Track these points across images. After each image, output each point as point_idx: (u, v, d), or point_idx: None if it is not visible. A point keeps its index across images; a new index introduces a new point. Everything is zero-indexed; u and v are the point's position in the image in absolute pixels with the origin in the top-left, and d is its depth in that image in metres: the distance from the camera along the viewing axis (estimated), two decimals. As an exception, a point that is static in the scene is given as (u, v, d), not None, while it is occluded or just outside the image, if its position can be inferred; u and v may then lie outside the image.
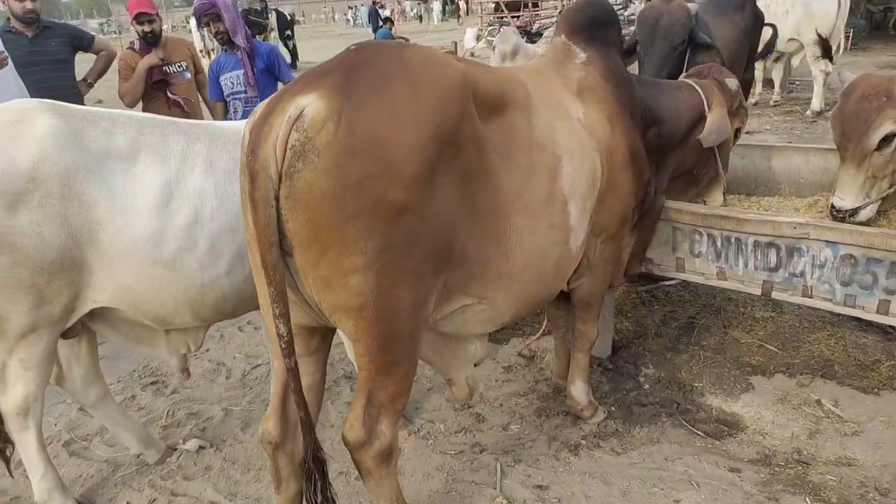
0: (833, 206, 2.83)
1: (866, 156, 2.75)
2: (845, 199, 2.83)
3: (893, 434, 2.77)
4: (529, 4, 23.18)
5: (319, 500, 1.98)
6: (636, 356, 3.50)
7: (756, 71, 9.46)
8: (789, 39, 8.11)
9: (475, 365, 2.54)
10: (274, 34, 17.51)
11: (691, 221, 2.94)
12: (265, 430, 2.06)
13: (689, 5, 3.73)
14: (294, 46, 18.31)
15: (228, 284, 2.33)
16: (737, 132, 3.32)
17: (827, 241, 2.59)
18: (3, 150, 2.04)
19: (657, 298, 4.07)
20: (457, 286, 2.10)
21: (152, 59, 4.42)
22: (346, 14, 45.48)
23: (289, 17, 19.22)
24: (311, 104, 1.69)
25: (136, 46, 4.53)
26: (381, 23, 15.94)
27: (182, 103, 4.54)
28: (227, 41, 4.00)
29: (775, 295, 2.80)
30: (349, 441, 2.01)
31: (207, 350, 3.89)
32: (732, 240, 2.84)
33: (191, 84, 4.70)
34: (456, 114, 1.88)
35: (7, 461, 2.53)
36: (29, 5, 4.19)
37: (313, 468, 1.96)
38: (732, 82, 3.19)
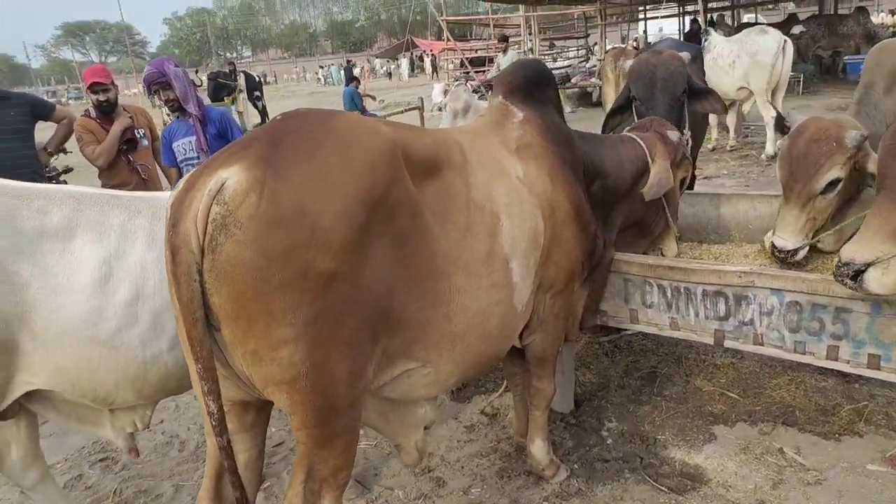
0: (774, 246, 2.87)
1: (811, 198, 2.80)
2: (787, 239, 2.88)
3: (855, 481, 2.74)
4: (486, 62, 23.82)
5: (259, 585, 1.88)
6: (599, 410, 3.45)
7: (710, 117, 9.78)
8: (739, 88, 8.39)
9: (425, 428, 2.47)
10: (242, 96, 17.66)
11: (641, 273, 2.95)
12: (199, 514, 1.97)
13: (682, 55, 3.76)
14: (264, 107, 18.48)
15: (172, 360, 2.26)
16: (682, 182, 3.37)
17: (772, 289, 2.61)
18: None
19: (619, 349, 4.04)
20: (398, 351, 2.05)
21: (126, 121, 4.46)
22: (316, 73, 46.37)
23: (257, 79, 19.47)
24: (232, 176, 1.67)
25: (93, 114, 4.54)
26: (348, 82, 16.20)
27: (140, 170, 4.54)
28: (177, 108, 4.01)
29: (728, 343, 2.80)
30: (289, 519, 1.93)
31: (161, 421, 3.76)
32: (682, 290, 2.85)
33: (148, 150, 4.71)
34: (385, 178, 1.87)
35: None
36: None
37: (251, 551, 1.87)
38: (674, 134, 3.25)
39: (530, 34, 22.90)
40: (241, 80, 17.90)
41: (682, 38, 15.35)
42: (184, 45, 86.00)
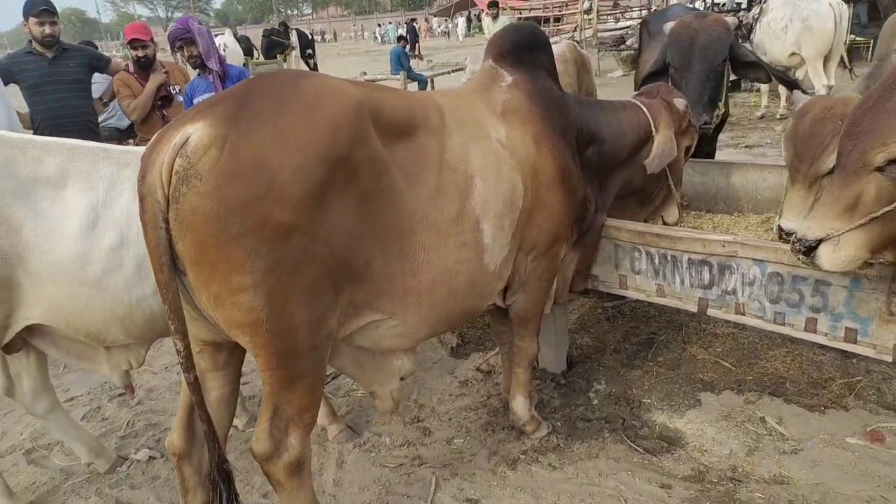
0: (781, 228, 2.81)
1: (818, 179, 2.73)
2: (793, 220, 2.82)
3: (831, 452, 2.74)
4: (551, 20, 23.27)
5: (226, 509, 2.05)
6: (590, 372, 3.51)
7: (762, 84, 9.40)
8: (790, 54, 8.03)
9: (402, 379, 2.59)
10: (295, 53, 17.89)
11: (630, 239, 2.97)
12: (170, 442, 2.15)
13: (727, 19, 3.58)
14: (315, 65, 18.66)
15: (156, 303, 2.43)
16: (687, 150, 3.33)
17: (754, 259, 2.60)
18: None
19: (622, 314, 4.07)
20: (363, 302, 2.16)
21: (161, 77, 4.65)
22: (374, 32, 46.24)
23: (310, 37, 19.61)
24: (196, 132, 1.78)
25: (131, 69, 4.74)
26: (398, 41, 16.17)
27: None
28: (200, 64, 4.16)
29: (710, 312, 2.81)
30: (256, 454, 2.09)
31: (178, 363, 4.01)
32: (669, 257, 2.86)
33: (181, 107, 4.90)
34: (348, 138, 1.95)
35: None
36: (48, 30, 4.42)
37: (218, 479, 2.04)
38: (681, 102, 3.20)
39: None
40: (294, 38, 18.11)
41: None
42: (246, 3, 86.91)
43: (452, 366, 3.72)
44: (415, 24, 23.95)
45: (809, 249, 2.01)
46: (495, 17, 11.44)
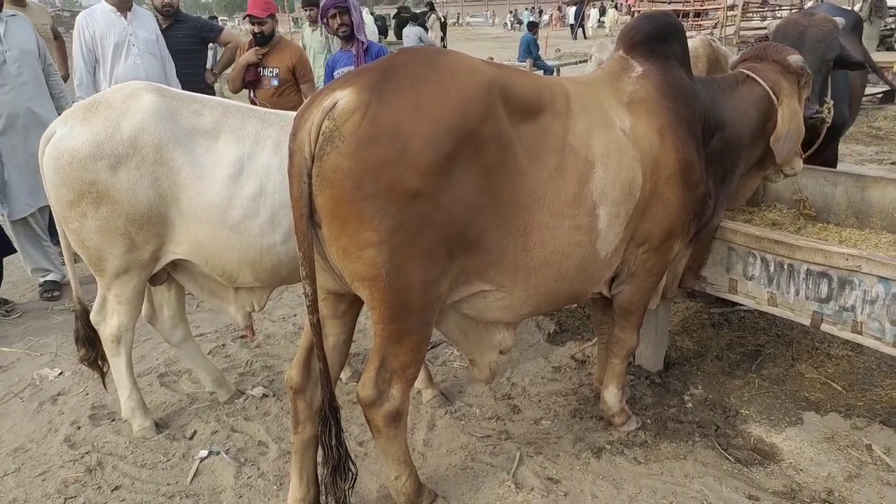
0: None
1: None
2: None
3: (943, 492, 2.58)
4: (691, 14, 22.33)
5: (333, 443, 2.25)
6: (688, 375, 3.47)
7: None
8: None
9: (501, 353, 2.69)
10: (432, 34, 18.28)
11: (746, 243, 2.90)
12: (289, 377, 2.38)
13: (836, 19, 3.48)
14: (445, 46, 19.01)
15: (283, 251, 2.68)
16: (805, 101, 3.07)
17: (879, 277, 2.49)
18: (113, 121, 2.53)
19: (728, 322, 3.97)
20: (475, 271, 2.28)
21: (251, 56, 4.71)
22: (505, 18, 46.10)
23: (441, 19, 19.94)
24: (344, 97, 1.97)
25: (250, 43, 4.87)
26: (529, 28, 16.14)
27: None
28: (348, 35, 4.36)
29: (824, 327, 2.71)
30: (361, 398, 2.28)
31: (295, 315, 4.33)
32: (785, 265, 2.78)
33: (272, 90, 4.81)
34: (478, 114, 2.07)
35: (103, 377, 3.05)
36: None
37: (329, 415, 2.24)
38: (795, 59, 2.95)
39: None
40: (433, 21, 18.49)
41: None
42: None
43: (548, 351, 3.79)
44: (540, 11, 23.77)
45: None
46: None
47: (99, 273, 2.71)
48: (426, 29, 16.46)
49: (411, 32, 14.16)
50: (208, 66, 5.51)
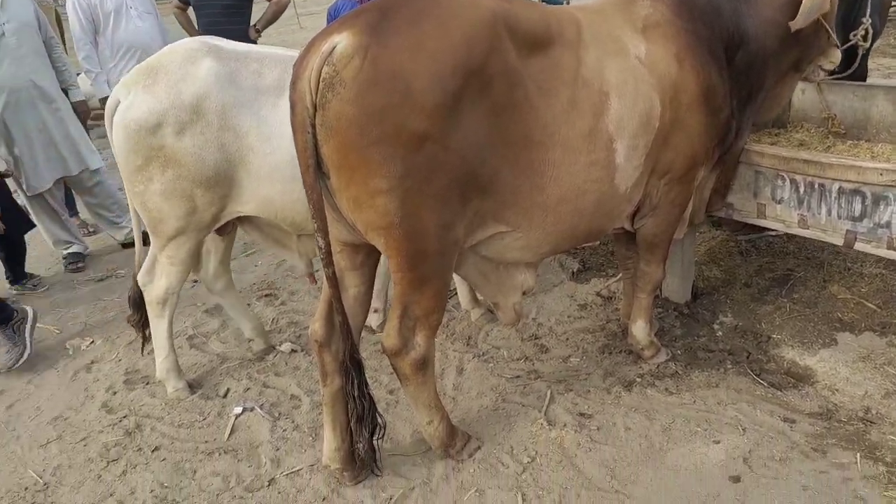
0: None
1: None
2: None
3: (985, 405, 2.53)
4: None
5: (357, 394, 2.26)
6: (716, 304, 3.42)
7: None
8: None
9: (524, 294, 2.66)
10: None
11: (773, 165, 2.80)
12: (313, 330, 2.37)
13: None
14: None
15: None
16: None
17: (915, 190, 2.39)
18: (174, 87, 2.54)
19: (757, 248, 3.88)
20: (490, 213, 2.23)
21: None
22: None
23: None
24: (342, 41, 1.88)
25: None
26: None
27: None
28: None
29: (858, 246, 2.63)
30: (386, 348, 2.27)
31: (317, 270, 4.31)
32: (816, 186, 2.68)
33: None
34: (482, 50, 1.98)
35: (145, 341, 3.10)
36: None
37: (350, 367, 2.24)
38: None
39: None
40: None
41: None
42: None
43: (572, 290, 3.75)
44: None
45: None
46: None
47: (156, 235, 2.77)
48: None
49: None
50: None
